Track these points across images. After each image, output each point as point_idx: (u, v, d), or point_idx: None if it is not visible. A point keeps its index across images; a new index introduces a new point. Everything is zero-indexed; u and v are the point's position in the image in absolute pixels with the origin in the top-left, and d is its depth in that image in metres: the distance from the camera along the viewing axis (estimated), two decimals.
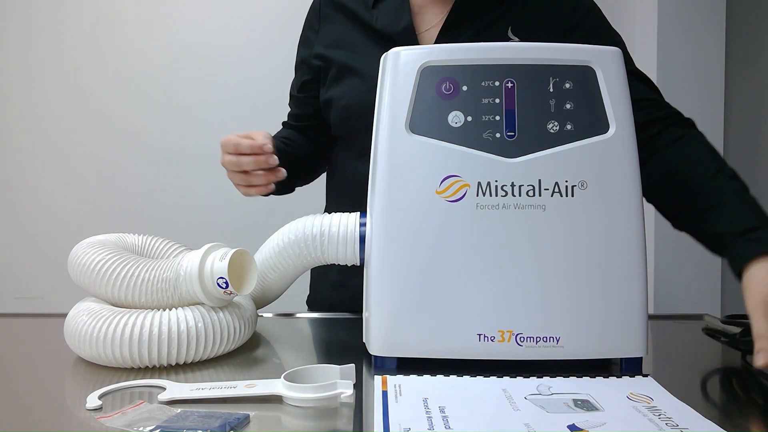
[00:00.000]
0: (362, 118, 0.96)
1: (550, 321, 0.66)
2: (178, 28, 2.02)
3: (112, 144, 2.03)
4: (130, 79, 2.02)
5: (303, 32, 1.09)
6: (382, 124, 0.69)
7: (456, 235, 0.66)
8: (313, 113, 1.09)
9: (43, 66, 2.04)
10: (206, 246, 0.73)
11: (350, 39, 1.00)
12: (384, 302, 0.68)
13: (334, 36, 1.02)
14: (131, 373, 0.67)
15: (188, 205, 2.00)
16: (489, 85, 0.68)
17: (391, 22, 0.97)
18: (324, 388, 0.57)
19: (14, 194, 2.06)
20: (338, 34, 1.02)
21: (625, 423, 0.53)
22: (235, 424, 0.53)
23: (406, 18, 0.96)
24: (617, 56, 0.68)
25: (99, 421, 0.54)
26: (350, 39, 1.00)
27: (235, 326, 0.73)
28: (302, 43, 1.09)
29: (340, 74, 1.00)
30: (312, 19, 1.07)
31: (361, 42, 0.99)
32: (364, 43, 0.99)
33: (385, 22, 0.97)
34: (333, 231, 0.73)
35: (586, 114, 0.67)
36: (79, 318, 0.70)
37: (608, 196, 0.66)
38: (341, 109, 0.99)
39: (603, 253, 0.66)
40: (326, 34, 1.03)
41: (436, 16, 0.97)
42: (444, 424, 0.53)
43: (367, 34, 0.99)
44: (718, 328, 0.79)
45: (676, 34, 1.84)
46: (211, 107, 1.98)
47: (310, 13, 1.08)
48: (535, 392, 0.60)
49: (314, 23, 1.06)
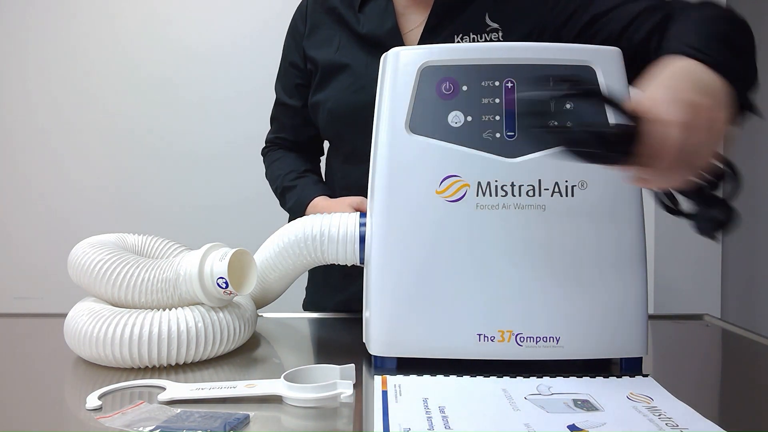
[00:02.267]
0: (348, 121, 0.97)
1: (550, 321, 0.66)
2: (181, 25, 2.01)
3: (112, 144, 2.03)
4: (132, 79, 2.02)
5: (289, 35, 1.08)
6: (382, 124, 0.69)
7: (456, 235, 0.66)
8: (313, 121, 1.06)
9: (42, 65, 2.04)
10: (206, 246, 0.73)
11: (336, 42, 1.00)
12: (384, 302, 0.67)
13: (320, 39, 1.02)
14: (131, 373, 0.67)
15: (188, 205, 2.00)
16: (489, 85, 0.68)
17: (377, 24, 0.98)
18: (324, 388, 0.57)
19: (14, 194, 2.06)
20: (325, 38, 1.02)
21: (625, 423, 0.53)
22: (235, 424, 0.53)
23: (391, 20, 0.97)
24: (617, 56, 0.68)
25: (99, 421, 0.54)
26: (336, 42, 1.00)
27: (235, 326, 0.73)
28: (289, 46, 1.07)
29: (325, 77, 1.00)
30: (298, 20, 1.06)
31: (347, 44, 0.99)
32: (350, 45, 0.99)
33: (370, 25, 0.98)
34: (333, 231, 0.73)
35: (586, 114, 0.67)
36: (79, 318, 0.70)
37: (608, 196, 0.66)
38: (327, 112, 0.99)
39: (603, 253, 0.66)
40: (314, 38, 1.03)
41: (419, 17, 0.98)
42: (444, 424, 0.53)
43: (353, 36, 0.99)
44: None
45: None
46: (212, 107, 1.98)
47: (296, 14, 1.07)
48: (535, 392, 0.60)
49: (300, 26, 1.05)
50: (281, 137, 1.12)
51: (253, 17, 1.96)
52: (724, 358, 0.76)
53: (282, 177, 1.05)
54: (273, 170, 1.09)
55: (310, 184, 1.02)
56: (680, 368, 0.74)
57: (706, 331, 0.87)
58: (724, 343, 0.85)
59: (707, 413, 0.55)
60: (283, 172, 1.06)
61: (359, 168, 0.96)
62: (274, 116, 1.13)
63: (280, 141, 1.12)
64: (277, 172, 1.07)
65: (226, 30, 1.98)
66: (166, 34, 2.02)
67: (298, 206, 1.00)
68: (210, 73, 1.98)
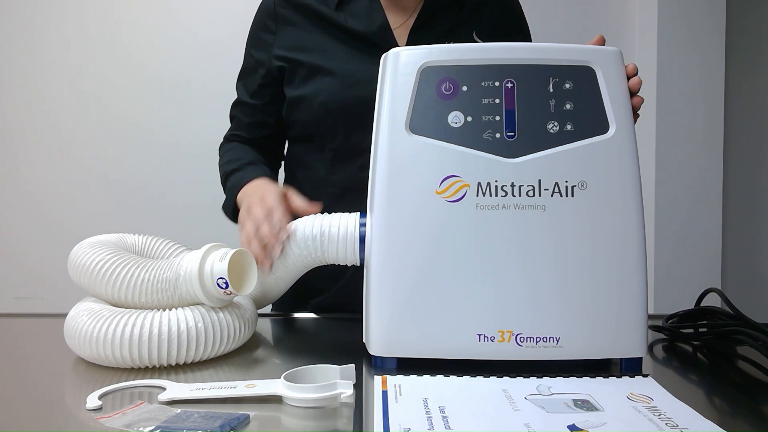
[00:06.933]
0: (339, 118, 0.95)
1: (550, 321, 0.66)
2: (181, 21, 2.01)
3: (112, 144, 2.03)
4: (132, 78, 2.02)
5: (254, 34, 1.04)
6: (382, 124, 0.69)
7: (456, 236, 0.66)
8: (273, 122, 1.04)
9: (41, 65, 2.03)
10: (206, 246, 0.73)
11: (317, 41, 0.98)
12: (384, 302, 0.68)
13: (297, 38, 0.99)
14: (131, 373, 0.67)
15: (189, 205, 2.00)
16: (489, 85, 0.68)
17: (365, 21, 0.97)
18: (324, 388, 0.57)
19: (14, 194, 2.06)
20: (302, 36, 0.99)
21: (625, 423, 0.53)
22: (235, 424, 0.53)
23: (381, 16, 0.97)
24: (617, 56, 0.69)
25: (99, 421, 0.54)
26: (317, 41, 0.98)
27: (235, 326, 0.73)
28: (255, 45, 1.03)
29: (312, 74, 0.97)
30: (265, 19, 1.02)
31: (330, 43, 0.97)
32: (333, 43, 0.97)
33: (356, 22, 0.97)
34: (333, 231, 0.73)
35: (586, 114, 0.67)
36: (79, 318, 0.70)
37: (608, 196, 0.66)
38: (318, 106, 0.96)
39: (603, 253, 0.66)
40: (287, 36, 1.00)
41: (401, 17, 0.98)
42: (444, 424, 0.53)
43: (335, 34, 0.97)
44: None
45: (676, 35, 1.85)
46: (213, 106, 1.98)
47: (261, 13, 1.03)
48: (535, 392, 0.60)
49: (269, 24, 1.01)
50: (238, 134, 1.08)
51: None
52: (723, 358, 0.76)
53: (235, 160, 1.00)
54: (225, 157, 1.04)
55: (260, 170, 0.96)
56: (680, 368, 0.74)
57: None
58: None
59: (707, 413, 0.55)
60: (237, 157, 1.01)
61: (350, 163, 0.96)
62: (233, 115, 1.09)
63: (237, 138, 1.08)
64: (230, 157, 1.02)
65: (226, 26, 1.97)
66: (166, 32, 2.01)
67: (237, 182, 0.95)
68: (212, 71, 1.98)
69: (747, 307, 0.76)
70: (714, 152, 1.85)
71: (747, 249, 1.86)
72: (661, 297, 1.84)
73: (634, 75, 0.70)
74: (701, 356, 0.77)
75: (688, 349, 0.79)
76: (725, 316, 0.78)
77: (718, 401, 0.64)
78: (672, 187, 1.86)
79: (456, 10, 1.00)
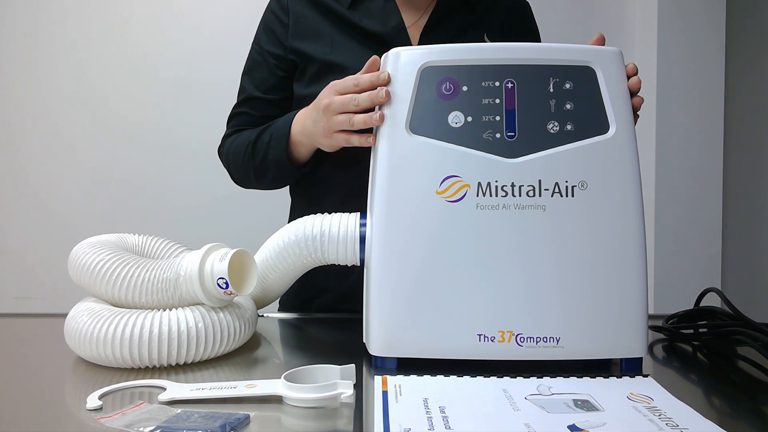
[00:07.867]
0: None
1: (550, 321, 0.66)
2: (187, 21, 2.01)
3: (112, 144, 2.03)
4: (133, 78, 2.02)
5: (266, 26, 1.02)
6: (382, 125, 0.69)
7: (456, 236, 0.66)
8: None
9: (41, 64, 2.03)
10: (206, 246, 0.73)
11: (330, 36, 0.97)
12: (384, 302, 0.68)
13: (309, 32, 0.98)
14: (131, 373, 0.67)
15: (189, 205, 2.00)
16: (489, 85, 0.68)
17: (380, 20, 0.97)
18: (324, 388, 0.57)
19: (14, 194, 2.06)
20: (315, 30, 0.98)
21: (625, 423, 0.53)
22: (235, 424, 0.53)
23: (396, 17, 0.97)
24: (617, 56, 0.69)
25: (99, 421, 0.54)
26: (330, 36, 0.97)
27: (235, 326, 0.73)
28: (266, 38, 1.02)
29: (323, 71, 0.96)
30: (277, 11, 1.01)
31: (343, 40, 0.97)
32: (347, 41, 0.96)
33: (371, 21, 0.96)
34: (333, 231, 0.73)
35: (586, 114, 0.67)
36: (79, 318, 0.70)
37: (608, 196, 0.66)
38: None
39: (603, 253, 0.66)
40: (300, 29, 0.98)
41: (414, 16, 0.98)
42: (444, 424, 0.53)
43: (349, 32, 0.97)
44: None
45: (676, 34, 1.84)
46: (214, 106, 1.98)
47: (273, 8, 1.02)
48: (535, 392, 0.60)
49: (282, 16, 1.00)
50: (245, 130, 1.01)
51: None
52: (723, 358, 0.76)
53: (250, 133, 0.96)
54: (241, 137, 0.99)
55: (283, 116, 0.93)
56: (680, 368, 0.74)
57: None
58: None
59: (707, 413, 0.55)
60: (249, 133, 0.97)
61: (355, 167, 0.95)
62: (238, 112, 1.04)
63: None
64: (243, 139, 0.98)
65: (229, 27, 1.97)
66: (169, 32, 2.01)
67: (282, 129, 0.92)
68: (214, 72, 1.97)
69: (747, 307, 0.76)
70: (714, 152, 1.85)
71: (747, 249, 1.86)
72: (661, 297, 1.84)
73: (634, 75, 0.70)
74: (701, 356, 0.77)
75: (688, 349, 0.79)
76: (725, 316, 0.79)
77: (718, 401, 0.64)
78: (672, 187, 1.86)
79: (467, 11, 1.00)
